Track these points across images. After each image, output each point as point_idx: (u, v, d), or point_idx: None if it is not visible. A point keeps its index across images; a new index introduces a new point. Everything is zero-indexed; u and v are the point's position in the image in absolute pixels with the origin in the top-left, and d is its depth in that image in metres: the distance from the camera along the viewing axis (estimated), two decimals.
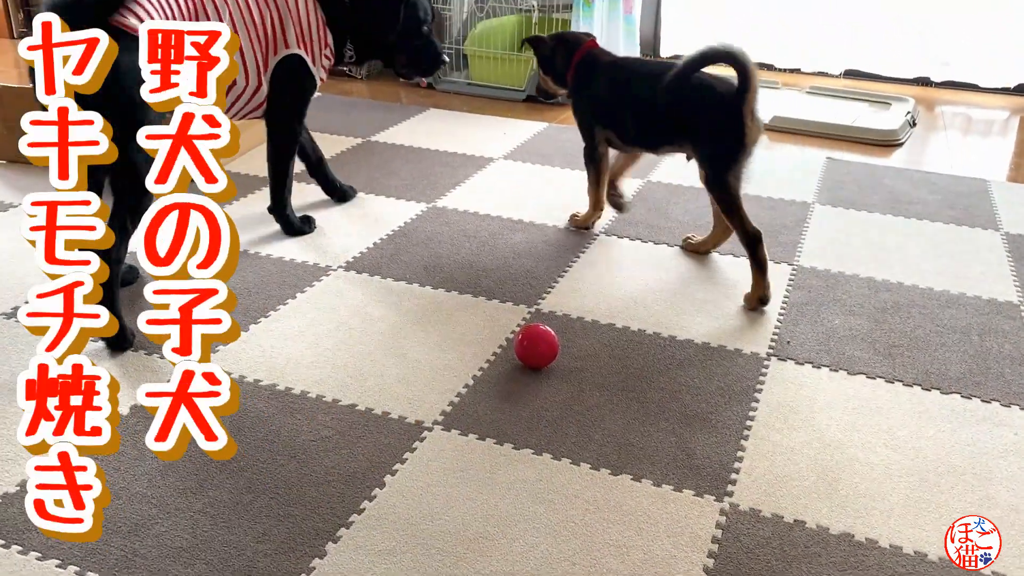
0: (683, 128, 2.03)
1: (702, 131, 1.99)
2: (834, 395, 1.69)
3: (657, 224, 2.44)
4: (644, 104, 2.08)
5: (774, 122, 3.41)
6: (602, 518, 1.35)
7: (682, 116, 2.01)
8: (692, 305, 2.01)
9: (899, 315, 1.99)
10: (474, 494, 1.39)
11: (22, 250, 2.17)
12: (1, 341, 1.77)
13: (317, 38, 2.14)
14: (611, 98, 2.16)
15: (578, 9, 3.53)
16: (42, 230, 1.10)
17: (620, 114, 2.15)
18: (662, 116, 2.04)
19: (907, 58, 4.06)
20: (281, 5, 2.09)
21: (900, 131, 3.30)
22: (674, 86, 1.95)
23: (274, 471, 1.42)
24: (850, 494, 1.42)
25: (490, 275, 2.11)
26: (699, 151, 2.02)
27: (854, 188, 2.77)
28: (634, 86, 2.11)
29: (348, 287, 2.04)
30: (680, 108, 2.00)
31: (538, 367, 1.74)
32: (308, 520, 1.33)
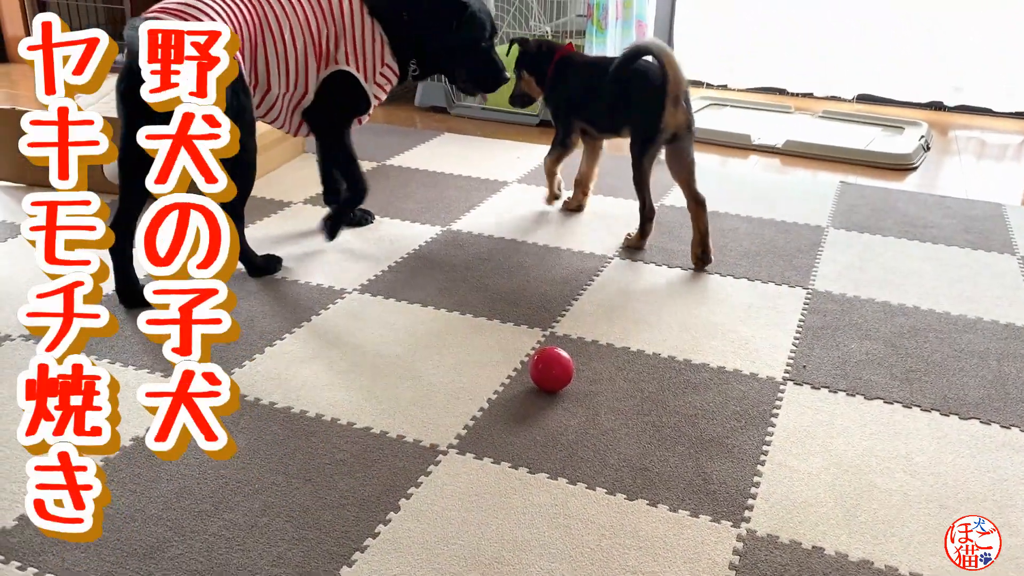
0: (627, 111, 2.34)
1: (634, 113, 2.32)
2: (851, 420, 1.67)
3: (670, 248, 2.45)
4: (606, 94, 2.38)
5: (787, 146, 3.41)
6: (618, 544, 1.34)
7: (626, 100, 2.32)
8: (707, 329, 2.00)
9: (916, 340, 1.98)
10: (489, 518, 1.39)
11: (42, 273, 2.18)
12: (19, 364, 1.78)
13: (372, 56, 2.20)
14: (584, 92, 2.47)
15: (591, 35, 3.56)
16: (42, 230, 1.10)
17: (592, 105, 2.47)
18: (615, 102, 2.35)
19: (920, 83, 4.07)
20: (339, 23, 2.17)
21: (914, 155, 3.30)
22: (617, 76, 2.28)
23: (289, 494, 1.42)
24: (869, 520, 1.41)
25: (504, 298, 2.11)
26: (631, 131, 2.36)
27: (868, 212, 2.76)
28: (600, 80, 2.37)
29: (363, 309, 2.05)
30: (623, 94, 2.32)
31: (553, 390, 1.73)
32: (323, 544, 1.32)
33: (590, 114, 2.49)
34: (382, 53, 2.23)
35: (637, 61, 2.26)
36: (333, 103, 2.24)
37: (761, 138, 3.48)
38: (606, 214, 2.70)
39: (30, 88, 4.07)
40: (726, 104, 4.03)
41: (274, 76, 2.14)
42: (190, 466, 1.48)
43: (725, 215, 2.70)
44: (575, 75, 2.47)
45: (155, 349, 1.83)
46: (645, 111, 2.25)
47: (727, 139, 3.51)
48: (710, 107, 3.98)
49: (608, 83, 2.31)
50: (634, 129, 2.33)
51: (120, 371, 1.76)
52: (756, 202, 2.82)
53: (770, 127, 3.64)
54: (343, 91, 2.22)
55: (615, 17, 3.69)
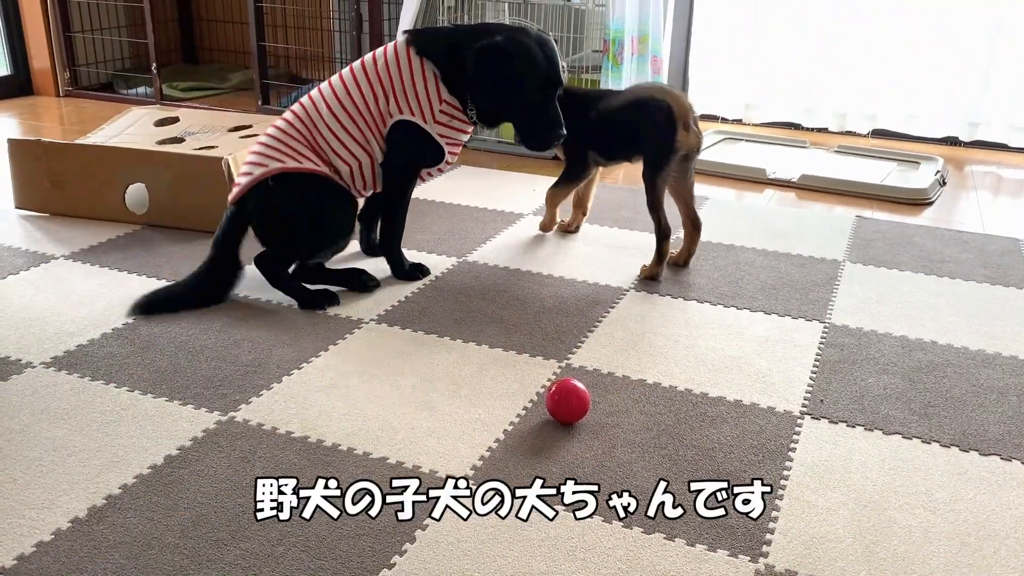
0: (640, 137, 2.44)
1: (648, 138, 2.43)
2: (870, 455, 1.66)
3: (686, 280, 2.45)
4: (617, 123, 2.48)
5: (802, 180, 3.42)
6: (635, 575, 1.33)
7: (637, 127, 2.44)
8: (723, 362, 2.00)
9: (934, 375, 1.96)
10: (505, 551, 1.38)
11: (64, 301, 2.21)
12: (40, 390, 1.80)
13: (426, 96, 2.20)
14: (595, 122, 2.49)
15: (606, 70, 3.60)
16: None
17: (603, 134, 2.53)
18: (627, 130, 2.46)
19: (935, 118, 4.08)
20: (385, 77, 2.20)
21: (930, 190, 3.30)
22: (628, 105, 2.46)
23: (305, 524, 1.42)
24: (888, 557, 1.39)
25: (520, 329, 2.12)
26: (645, 154, 2.46)
27: (884, 246, 2.76)
28: (609, 110, 2.48)
29: (380, 340, 2.06)
30: (635, 121, 2.44)
31: (569, 422, 1.73)
32: (339, 574, 1.32)
33: (601, 143, 2.57)
34: (437, 90, 2.19)
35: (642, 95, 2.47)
36: (398, 153, 2.25)
37: (776, 172, 3.49)
38: (621, 245, 2.71)
39: (54, 120, 4.15)
40: (741, 139, 4.05)
41: (338, 161, 2.22)
42: (207, 495, 1.49)
43: (741, 248, 2.71)
44: (582, 108, 2.49)
45: (173, 377, 1.86)
46: (659, 134, 2.37)
47: (742, 173, 3.53)
48: (725, 141, 4.00)
49: (619, 112, 2.45)
50: (648, 153, 2.43)
51: (138, 399, 1.77)
52: (772, 236, 2.83)
53: (785, 161, 3.66)
54: (405, 139, 2.22)
55: (631, 52, 3.73)
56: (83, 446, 1.62)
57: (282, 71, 4.91)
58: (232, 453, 1.61)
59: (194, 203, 2.68)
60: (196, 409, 1.74)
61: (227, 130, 3.05)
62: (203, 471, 1.55)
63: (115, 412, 1.73)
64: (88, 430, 1.67)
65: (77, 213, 2.79)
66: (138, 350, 1.97)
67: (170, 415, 1.72)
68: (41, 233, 2.67)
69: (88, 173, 2.75)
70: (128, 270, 2.41)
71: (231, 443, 1.64)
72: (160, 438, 1.65)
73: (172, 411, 1.74)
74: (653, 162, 2.41)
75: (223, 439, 1.65)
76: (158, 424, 1.69)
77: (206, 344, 2.00)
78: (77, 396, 1.78)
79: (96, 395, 1.79)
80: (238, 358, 1.95)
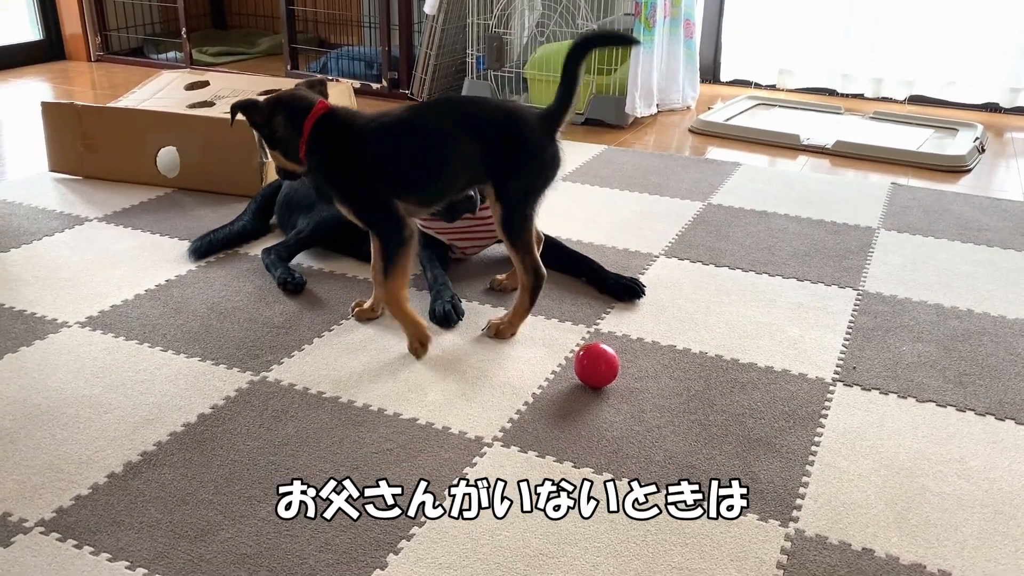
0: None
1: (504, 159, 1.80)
2: (902, 422, 1.64)
3: (718, 247, 2.42)
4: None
5: (837, 147, 3.36)
6: (664, 540, 1.33)
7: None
8: (754, 328, 1.98)
9: (970, 343, 1.93)
10: (534, 511, 1.39)
11: (98, 262, 2.24)
12: (77, 349, 1.83)
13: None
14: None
15: (638, 34, 3.54)
16: None
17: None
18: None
19: (975, 84, 3.98)
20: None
21: (968, 157, 3.23)
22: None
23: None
24: (921, 524, 1.38)
25: (549, 294, 2.11)
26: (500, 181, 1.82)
27: (920, 214, 2.71)
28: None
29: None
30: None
31: (598, 386, 1.73)
32: (370, 531, 1.33)
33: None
34: None
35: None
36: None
37: (810, 139, 3.43)
38: (651, 212, 2.68)
39: (86, 84, 4.18)
40: (775, 104, 3.99)
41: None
42: (240, 452, 1.51)
43: (774, 215, 2.67)
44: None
45: (206, 338, 1.87)
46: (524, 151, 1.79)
47: (776, 139, 3.48)
48: (758, 107, 3.94)
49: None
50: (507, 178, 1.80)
51: (172, 359, 1.79)
52: (805, 203, 2.79)
53: (820, 128, 3.59)
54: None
55: (663, 15, 3.67)
56: (119, 404, 1.64)
57: (311, 36, 4.90)
58: (264, 412, 1.62)
59: (224, 166, 2.69)
60: (229, 369, 1.76)
61: (257, 94, 3.04)
62: (236, 429, 1.57)
63: (149, 371, 1.75)
64: (123, 388, 1.69)
65: (110, 176, 2.82)
66: (171, 311, 1.99)
67: (203, 374, 1.74)
68: (75, 196, 2.69)
69: (120, 136, 2.77)
70: (160, 232, 2.43)
71: (263, 402, 1.65)
72: (194, 397, 1.67)
73: (205, 370, 1.76)
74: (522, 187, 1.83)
75: (255, 398, 1.67)
76: (191, 383, 1.71)
77: (238, 306, 2.02)
78: (112, 355, 1.81)
79: (130, 354, 1.81)
80: (270, 320, 1.96)
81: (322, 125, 1.77)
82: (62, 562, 1.26)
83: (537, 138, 1.78)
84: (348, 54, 4.36)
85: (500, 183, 1.79)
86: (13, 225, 2.46)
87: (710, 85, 4.37)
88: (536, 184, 1.81)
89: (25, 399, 1.65)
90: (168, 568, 1.26)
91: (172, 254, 2.29)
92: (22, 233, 2.41)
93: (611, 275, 2.14)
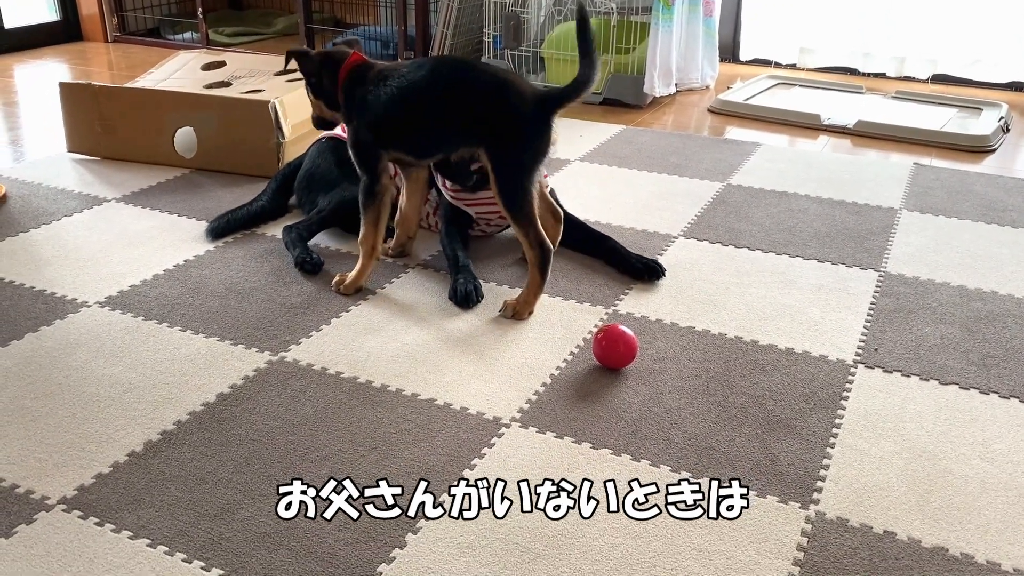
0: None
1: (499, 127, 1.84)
2: (925, 405, 1.63)
3: (737, 227, 2.40)
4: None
5: (858, 127, 3.32)
6: (683, 521, 1.33)
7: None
8: (774, 309, 1.96)
9: (994, 325, 1.91)
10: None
11: (116, 242, 2.25)
12: (97, 330, 1.83)
13: None
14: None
15: (657, 12, 3.50)
16: None
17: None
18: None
19: (999, 62, 3.92)
20: None
21: (992, 137, 3.18)
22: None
23: (355, 461, 1.44)
24: (943, 506, 1.37)
25: (567, 275, 2.10)
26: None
27: (943, 194, 2.67)
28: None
29: (428, 283, 2.06)
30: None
31: (616, 368, 1.72)
32: (389, 510, 1.33)
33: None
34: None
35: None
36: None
37: (831, 118, 3.39)
38: (670, 192, 2.66)
39: (103, 65, 4.18)
40: (795, 84, 3.94)
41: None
42: (259, 432, 1.51)
43: (794, 195, 2.64)
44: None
45: (224, 318, 1.88)
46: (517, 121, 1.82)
47: (796, 119, 3.44)
48: (778, 86, 3.90)
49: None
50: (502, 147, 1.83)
51: (190, 338, 1.80)
52: (826, 183, 2.75)
53: (841, 107, 3.55)
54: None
55: None
56: (138, 383, 1.65)
57: (327, 15, 4.87)
58: (283, 392, 1.63)
59: (241, 146, 2.69)
60: (247, 349, 1.76)
61: (273, 74, 3.04)
62: (255, 409, 1.58)
63: (168, 351, 1.76)
64: (143, 368, 1.70)
65: (127, 157, 2.82)
66: (189, 291, 1.99)
67: (222, 354, 1.75)
68: (93, 176, 2.70)
69: (138, 117, 2.77)
70: (178, 212, 2.44)
71: (282, 382, 1.66)
72: (212, 376, 1.67)
73: (223, 350, 1.76)
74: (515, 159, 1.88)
75: (274, 378, 1.67)
76: (210, 363, 1.72)
77: (256, 286, 2.02)
78: (131, 335, 1.81)
79: (150, 334, 1.82)
80: (287, 300, 1.96)
81: (353, 74, 1.92)
82: (84, 539, 1.27)
83: (527, 112, 1.80)
84: (364, 34, 4.34)
85: (491, 151, 1.84)
86: (33, 205, 2.47)
87: (729, 64, 4.32)
88: (524, 158, 1.83)
89: (46, 378, 1.66)
90: (188, 546, 1.26)
91: (190, 234, 2.29)
92: (42, 213, 2.42)
93: (632, 254, 2.12)
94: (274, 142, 2.66)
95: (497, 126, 1.82)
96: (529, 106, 1.80)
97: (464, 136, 1.87)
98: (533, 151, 1.82)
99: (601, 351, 1.72)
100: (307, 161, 2.39)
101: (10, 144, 3.02)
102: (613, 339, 1.71)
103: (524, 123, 1.81)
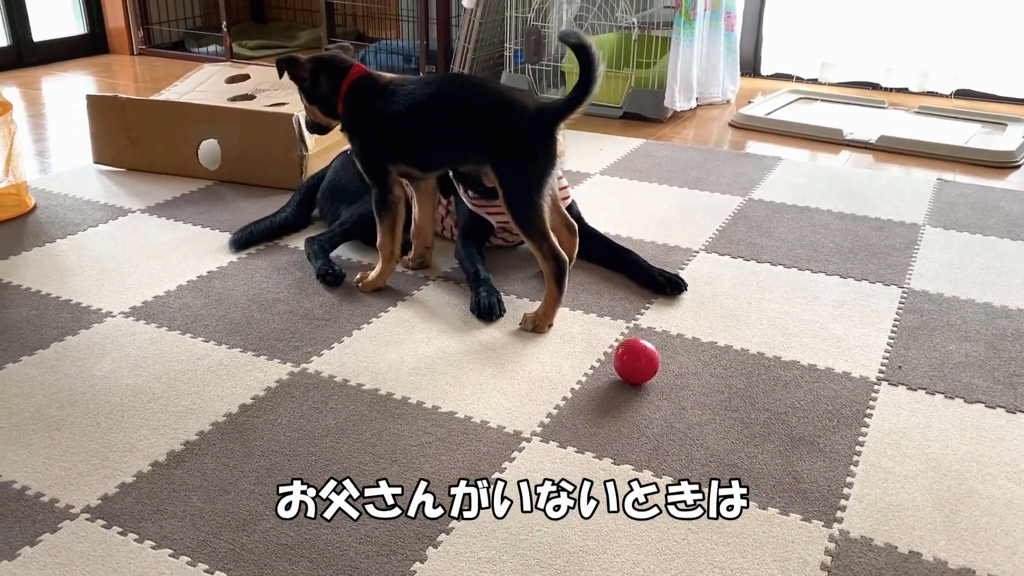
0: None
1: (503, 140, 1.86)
2: (950, 423, 1.61)
3: (759, 242, 2.39)
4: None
5: (881, 142, 3.30)
6: (705, 539, 1.32)
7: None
8: (797, 326, 1.95)
9: (1020, 343, 1.89)
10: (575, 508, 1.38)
11: (141, 253, 2.27)
12: (120, 339, 1.85)
13: None
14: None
15: (678, 26, 3.51)
16: None
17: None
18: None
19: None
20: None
21: (1017, 152, 3.15)
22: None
23: (376, 474, 1.44)
24: (970, 527, 1.35)
25: (587, 289, 2.10)
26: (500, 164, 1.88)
27: (967, 211, 2.65)
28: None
29: (448, 295, 2.06)
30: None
31: (637, 383, 1.71)
32: (409, 524, 1.33)
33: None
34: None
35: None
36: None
37: (854, 133, 3.38)
38: (691, 207, 2.66)
39: (128, 77, 4.23)
40: (816, 98, 3.93)
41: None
42: (281, 443, 1.52)
43: (816, 210, 2.63)
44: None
45: (247, 329, 1.89)
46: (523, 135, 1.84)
47: (818, 133, 3.42)
48: (800, 101, 3.89)
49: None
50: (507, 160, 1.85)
51: (213, 349, 1.81)
52: (849, 198, 2.74)
53: (863, 122, 3.53)
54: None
55: (704, 8, 3.63)
56: (161, 393, 1.66)
57: (349, 29, 4.91)
58: (305, 403, 1.63)
59: (265, 159, 2.71)
60: (269, 360, 1.77)
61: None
62: (277, 420, 1.58)
63: (191, 361, 1.77)
64: (166, 378, 1.71)
65: (152, 168, 2.85)
66: (212, 302, 2.01)
67: (244, 365, 1.76)
68: (118, 187, 2.73)
69: (163, 129, 2.80)
70: (201, 224, 2.46)
71: (304, 393, 1.66)
72: (235, 387, 1.68)
73: (246, 361, 1.77)
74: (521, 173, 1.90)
75: (296, 389, 1.68)
76: (233, 374, 1.73)
77: (278, 297, 2.03)
78: (155, 345, 1.83)
79: (173, 345, 1.83)
80: (310, 312, 1.97)
81: (357, 86, 1.96)
82: (107, 548, 1.28)
83: (530, 127, 1.82)
84: (386, 48, 4.37)
85: (497, 167, 1.87)
86: (59, 216, 2.50)
87: (750, 79, 4.32)
88: (530, 172, 1.84)
89: (71, 387, 1.68)
90: (210, 557, 1.27)
91: (214, 245, 2.31)
92: (68, 224, 2.45)
93: (653, 268, 2.12)
94: (297, 154, 2.68)
95: (502, 142, 1.84)
96: (532, 121, 1.83)
97: (470, 151, 1.90)
98: (539, 165, 1.84)
99: (622, 366, 1.72)
100: (330, 173, 2.41)
101: (37, 155, 3.06)
102: (635, 354, 1.71)
103: (528, 138, 1.83)
